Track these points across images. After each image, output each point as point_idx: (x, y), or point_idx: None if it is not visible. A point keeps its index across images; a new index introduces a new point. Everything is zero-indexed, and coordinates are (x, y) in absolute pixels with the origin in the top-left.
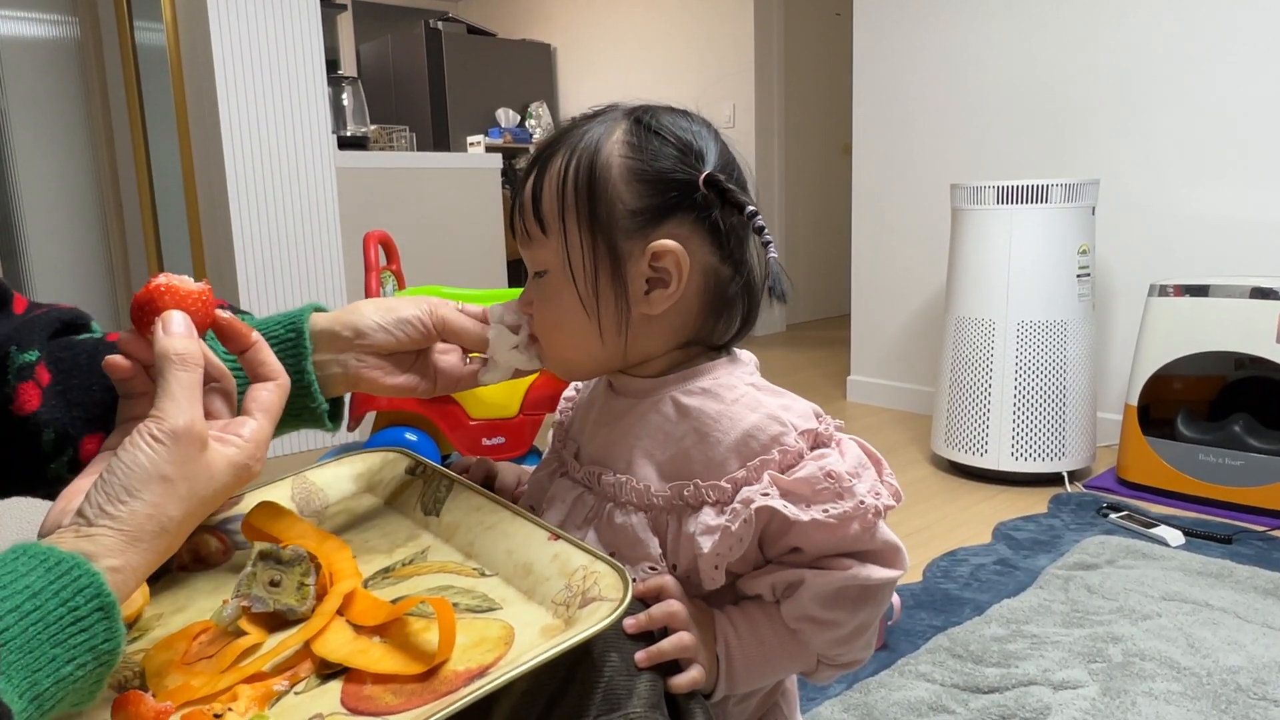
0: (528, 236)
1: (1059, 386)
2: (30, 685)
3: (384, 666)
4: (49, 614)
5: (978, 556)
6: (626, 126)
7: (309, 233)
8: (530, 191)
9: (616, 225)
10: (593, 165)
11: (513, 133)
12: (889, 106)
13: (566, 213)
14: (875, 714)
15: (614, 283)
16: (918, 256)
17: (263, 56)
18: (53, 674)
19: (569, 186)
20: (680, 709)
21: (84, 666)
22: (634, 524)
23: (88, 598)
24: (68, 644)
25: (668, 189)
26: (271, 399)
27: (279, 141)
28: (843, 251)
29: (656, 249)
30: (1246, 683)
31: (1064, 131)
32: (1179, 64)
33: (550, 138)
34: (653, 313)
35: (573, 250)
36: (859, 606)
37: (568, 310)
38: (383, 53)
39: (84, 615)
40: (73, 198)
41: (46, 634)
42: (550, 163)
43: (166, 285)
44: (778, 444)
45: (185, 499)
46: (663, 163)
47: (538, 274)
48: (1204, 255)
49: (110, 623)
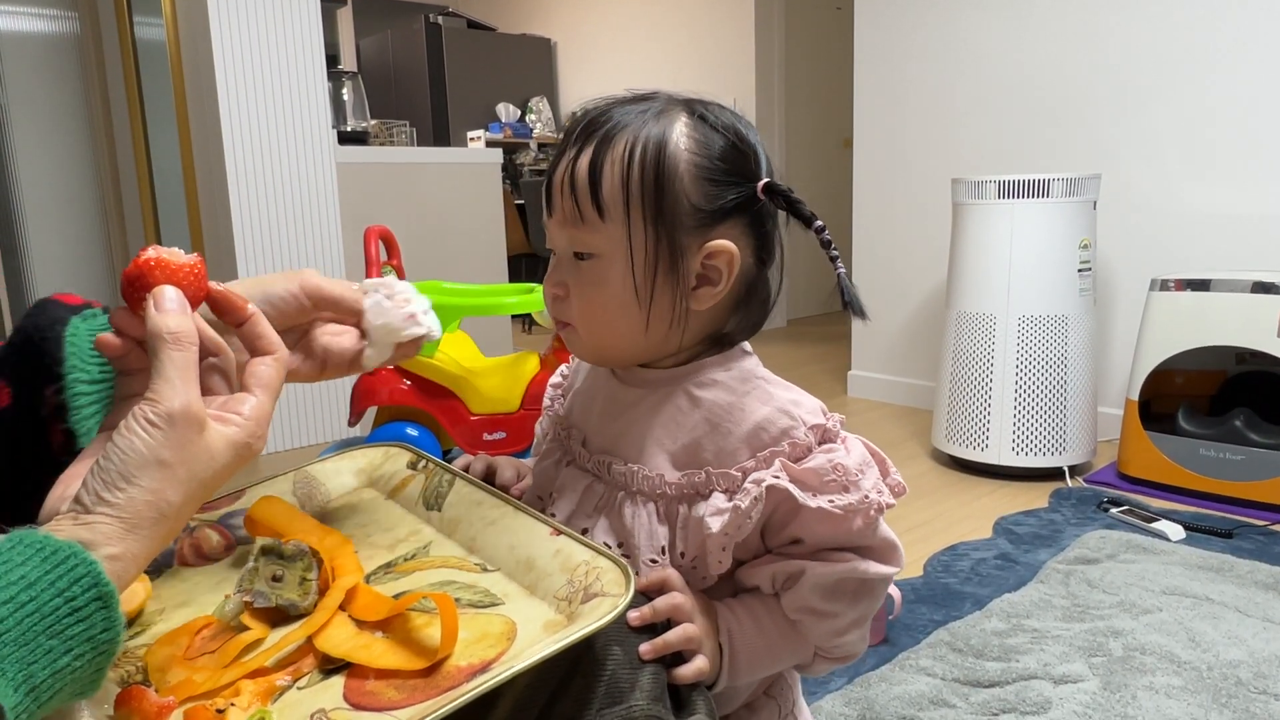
0: (578, 219)
1: (1060, 381)
2: (26, 678)
3: (386, 662)
4: (45, 604)
5: (978, 551)
6: (687, 120)
7: (309, 228)
8: (587, 173)
9: (680, 221)
10: (660, 157)
11: (513, 128)
12: (890, 100)
13: (631, 201)
14: (876, 708)
15: (670, 276)
16: (918, 251)
17: (263, 51)
18: (49, 665)
19: (635, 175)
20: (683, 700)
21: (82, 657)
22: (645, 513)
23: (85, 587)
24: (65, 635)
25: (730, 190)
26: (271, 373)
27: (279, 137)
28: (843, 246)
29: (713, 248)
30: (1247, 677)
31: (1065, 126)
32: (1181, 58)
33: (595, 117)
34: (699, 309)
35: (636, 240)
36: (857, 599)
37: (617, 297)
38: (383, 48)
39: (81, 605)
40: (73, 194)
41: (43, 625)
42: (608, 145)
43: (157, 259)
44: (787, 437)
45: (185, 483)
46: (727, 164)
47: (579, 255)
48: (1205, 250)
49: (109, 612)
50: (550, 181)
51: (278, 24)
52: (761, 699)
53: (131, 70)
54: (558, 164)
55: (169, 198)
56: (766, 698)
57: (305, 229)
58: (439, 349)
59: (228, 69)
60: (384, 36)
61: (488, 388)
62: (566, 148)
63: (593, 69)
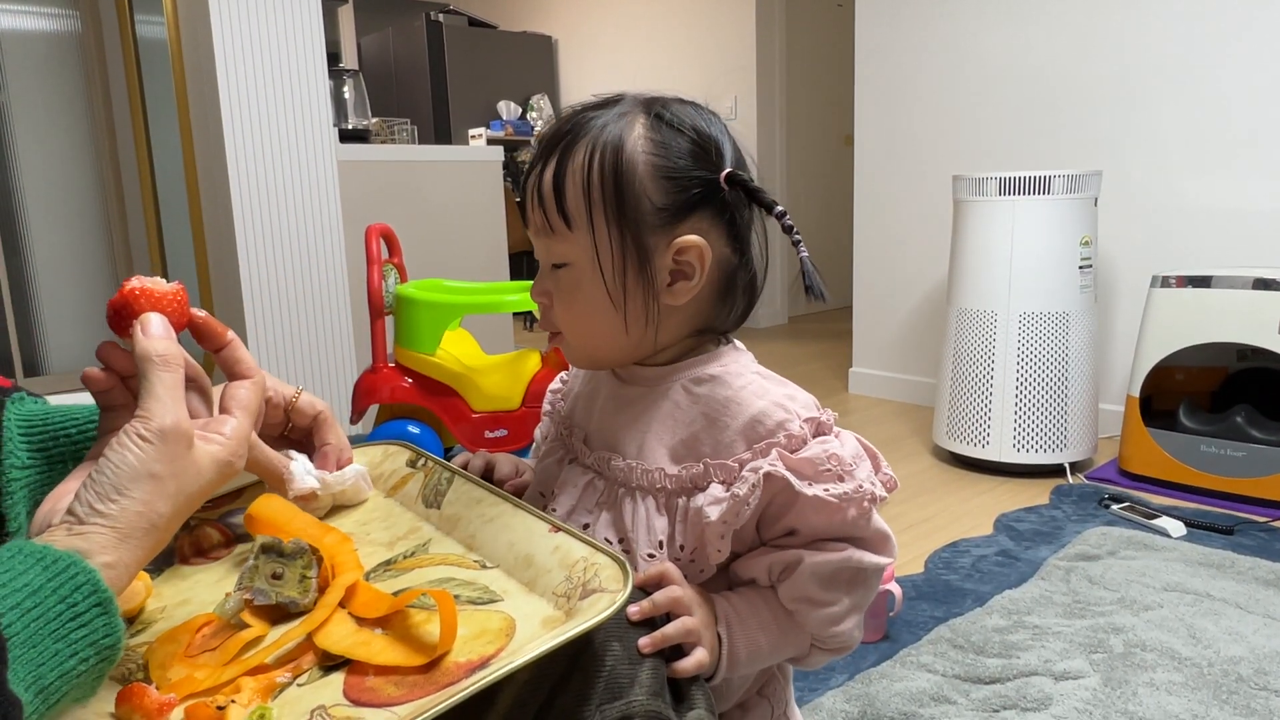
0: (549, 230)
1: (1061, 378)
2: (35, 679)
3: (386, 658)
4: (49, 610)
5: (979, 548)
6: (645, 121)
7: (311, 226)
8: (552, 184)
9: (643, 221)
10: (618, 161)
11: (514, 125)
12: (891, 97)
13: (594, 209)
14: (877, 704)
15: (640, 276)
16: (920, 248)
17: (264, 50)
18: (56, 668)
19: (594, 182)
20: (682, 694)
21: (86, 661)
22: (645, 507)
23: (85, 594)
24: (69, 639)
25: (691, 185)
26: (250, 396)
27: (280, 135)
28: (845, 243)
29: (681, 244)
30: (1248, 673)
31: (1066, 123)
32: (1182, 55)
33: (560, 127)
34: (675, 304)
35: (601, 246)
36: (853, 588)
37: (593, 303)
38: (384, 45)
39: (83, 611)
40: (75, 192)
41: (48, 630)
42: (570, 155)
43: (141, 289)
44: (783, 429)
45: (174, 496)
46: (686, 160)
47: (556, 266)
48: (1206, 246)
49: (109, 618)
50: (523, 194)
51: (279, 22)
52: (755, 699)
53: (133, 68)
54: (528, 177)
55: (170, 196)
56: (759, 698)
57: (306, 227)
58: (440, 346)
59: (229, 67)
60: (385, 34)
61: (489, 385)
62: (535, 161)
63: (593, 66)
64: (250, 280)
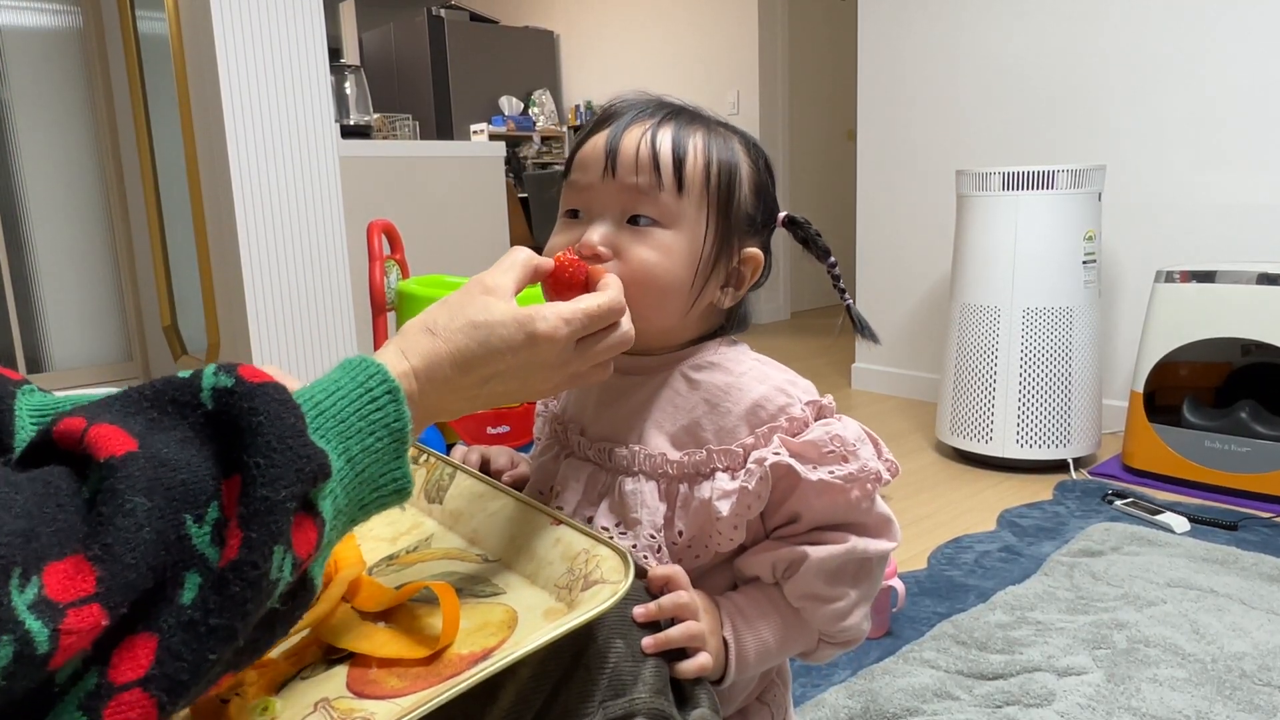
0: (656, 186)
1: (1064, 373)
2: (344, 449)
3: (389, 651)
4: (350, 393)
5: (982, 543)
6: (740, 139)
7: (312, 222)
8: (671, 148)
9: (737, 223)
10: (734, 161)
11: (516, 120)
12: (894, 92)
13: (710, 192)
14: (880, 700)
15: (715, 268)
16: (923, 243)
17: (265, 45)
18: (360, 442)
19: (714, 170)
20: (686, 694)
21: (381, 440)
22: (644, 491)
23: (377, 381)
24: (369, 418)
25: (767, 209)
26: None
27: (282, 131)
28: (847, 238)
29: (747, 254)
30: (1251, 669)
31: (1070, 117)
32: (1186, 49)
33: (665, 102)
34: (720, 303)
35: (710, 226)
36: (859, 580)
37: (674, 271)
38: (385, 41)
39: (378, 396)
40: (77, 188)
41: (351, 408)
42: (688, 132)
43: (572, 259)
44: (785, 413)
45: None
46: (769, 185)
47: (635, 220)
48: (1211, 241)
49: (398, 405)
50: (617, 142)
51: (280, 17)
52: (755, 705)
53: (134, 64)
54: (628, 127)
55: (172, 191)
56: (759, 704)
57: (308, 223)
58: None
59: (230, 63)
60: (387, 30)
61: None
62: (637, 117)
63: (595, 61)
64: (252, 276)
